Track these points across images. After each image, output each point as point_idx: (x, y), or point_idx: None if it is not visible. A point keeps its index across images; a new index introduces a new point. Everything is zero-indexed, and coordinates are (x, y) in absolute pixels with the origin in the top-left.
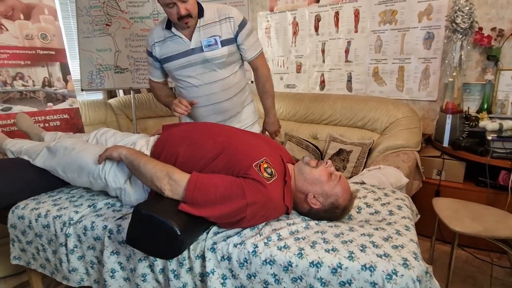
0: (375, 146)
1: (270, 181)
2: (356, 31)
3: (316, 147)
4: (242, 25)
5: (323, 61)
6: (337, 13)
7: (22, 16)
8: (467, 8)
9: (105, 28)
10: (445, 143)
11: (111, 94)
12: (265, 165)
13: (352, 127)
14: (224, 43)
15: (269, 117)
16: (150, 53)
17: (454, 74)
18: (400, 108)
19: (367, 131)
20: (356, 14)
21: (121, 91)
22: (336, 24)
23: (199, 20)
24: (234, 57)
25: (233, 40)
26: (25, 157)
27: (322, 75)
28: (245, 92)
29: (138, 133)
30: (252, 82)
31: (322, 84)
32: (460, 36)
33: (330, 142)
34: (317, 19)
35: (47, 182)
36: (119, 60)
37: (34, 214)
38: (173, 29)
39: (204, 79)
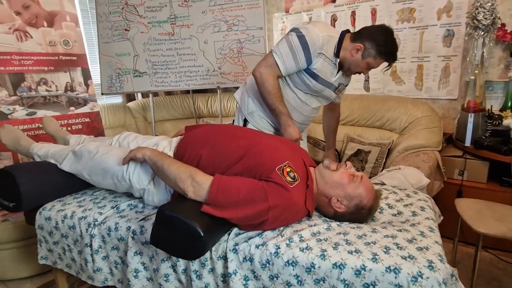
0: (394, 146)
1: (293, 185)
2: None
3: None
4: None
5: None
6: (353, 13)
7: (45, 24)
8: (489, 4)
9: (124, 33)
10: (467, 143)
11: (130, 97)
12: (288, 169)
13: (370, 127)
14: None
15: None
16: (308, 53)
17: (476, 71)
18: (419, 107)
19: (385, 131)
20: (373, 13)
21: (139, 94)
22: (353, 24)
23: None
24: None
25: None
26: (52, 161)
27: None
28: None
29: (157, 135)
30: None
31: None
32: (482, 33)
33: (347, 142)
34: (333, 19)
35: (72, 184)
36: (137, 64)
37: (60, 215)
38: (338, 59)
39: (312, 103)
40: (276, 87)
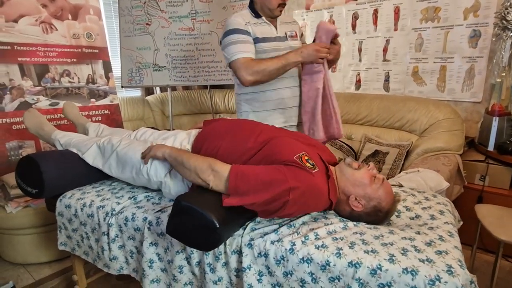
0: (413, 148)
1: (314, 171)
2: (395, 29)
3: (350, 147)
4: (301, 30)
5: (360, 60)
6: (376, 11)
7: (70, 17)
8: None
9: (145, 27)
10: (490, 147)
11: (149, 91)
12: (306, 157)
13: (389, 128)
14: (300, 38)
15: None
16: (245, 31)
17: (502, 74)
18: (441, 109)
19: (405, 132)
20: (396, 11)
21: (158, 88)
22: (375, 22)
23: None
24: None
25: (300, 39)
26: (74, 150)
27: (358, 74)
28: None
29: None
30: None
31: (358, 83)
32: (511, 34)
33: (365, 143)
34: (355, 17)
35: (93, 174)
36: (157, 58)
37: (79, 203)
38: (263, 17)
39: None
40: (259, 63)
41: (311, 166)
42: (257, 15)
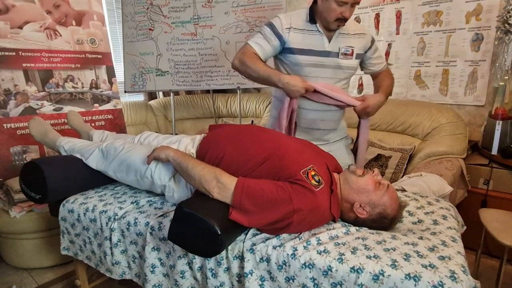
0: (416, 152)
1: (318, 189)
2: (397, 33)
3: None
4: (372, 41)
5: None
6: (377, 15)
7: (74, 22)
8: None
9: (148, 32)
10: (494, 151)
11: (151, 95)
12: (313, 173)
13: (392, 132)
14: (357, 56)
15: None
16: (277, 32)
17: (505, 77)
18: (444, 113)
19: (407, 136)
20: (398, 15)
21: (160, 93)
22: (377, 26)
23: None
24: (355, 72)
25: (361, 56)
26: (78, 155)
27: (360, 78)
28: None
29: (177, 134)
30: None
31: (360, 87)
32: None
33: (367, 147)
34: (356, 21)
35: (96, 179)
36: (160, 63)
37: (82, 208)
38: (318, 25)
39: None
40: (254, 60)
41: (317, 183)
42: (311, 20)
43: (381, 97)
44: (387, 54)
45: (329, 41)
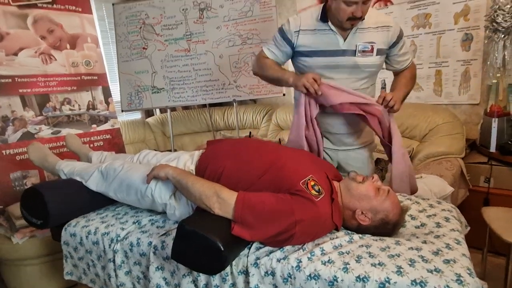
0: (415, 154)
1: (319, 199)
2: None
3: None
4: (400, 36)
5: None
6: None
7: (68, 46)
8: (508, 6)
9: (142, 51)
10: (492, 148)
11: (148, 112)
12: (312, 183)
13: None
14: (378, 52)
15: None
16: (285, 37)
17: (498, 75)
18: (439, 113)
19: (405, 138)
20: None
21: (157, 110)
22: None
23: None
24: (379, 68)
25: (385, 51)
26: (77, 178)
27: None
28: None
29: (176, 150)
30: (284, 94)
31: None
32: (502, 36)
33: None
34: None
35: (97, 201)
36: (155, 81)
37: (84, 231)
38: (330, 23)
39: (348, 85)
40: (266, 64)
41: (317, 193)
42: (323, 19)
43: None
44: None
45: (345, 39)
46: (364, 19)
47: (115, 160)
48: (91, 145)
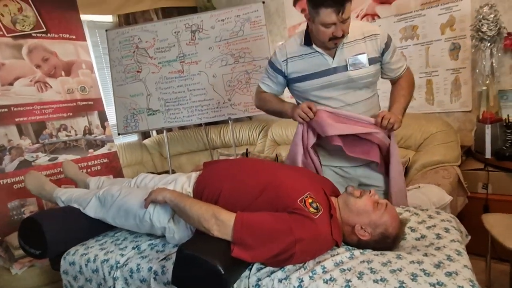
0: (411, 164)
1: (317, 216)
2: None
3: None
4: (388, 42)
5: None
6: None
7: (63, 73)
8: (492, 15)
9: (136, 74)
10: (488, 154)
11: (145, 134)
12: (310, 200)
13: None
14: (371, 61)
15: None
16: (276, 68)
17: (487, 82)
18: (433, 122)
19: (401, 149)
20: None
21: (154, 131)
22: None
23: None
24: (377, 77)
25: (378, 59)
26: (75, 205)
27: None
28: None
29: (173, 170)
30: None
31: None
32: (489, 44)
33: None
34: None
35: (95, 227)
36: (151, 103)
37: (83, 259)
38: (314, 46)
39: (347, 99)
40: (265, 98)
41: (315, 210)
42: (307, 43)
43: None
44: None
45: (333, 56)
46: (346, 35)
47: (113, 185)
48: (89, 170)
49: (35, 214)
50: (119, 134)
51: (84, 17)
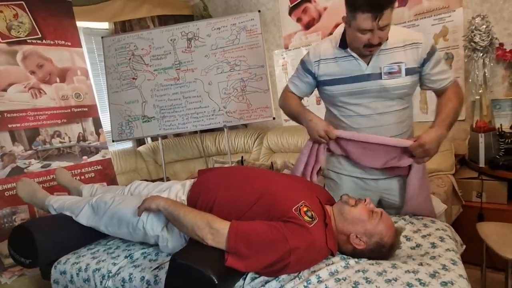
0: None
1: (312, 225)
2: None
3: None
4: (431, 53)
5: None
6: None
7: (58, 80)
8: (484, 26)
9: (131, 81)
10: (481, 163)
11: (140, 141)
12: (305, 209)
13: None
14: (408, 71)
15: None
16: (307, 69)
17: (480, 91)
18: None
19: None
20: None
21: (149, 138)
22: None
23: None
24: (413, 89)
25: (417, 70)
26: (68, 213)
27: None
28: (410, 132)
29: (168, 178)
30: (274, 118)
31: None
32: (481, 54)
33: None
34: None
35: (88, 236)
36: (146, 110)
37: (75, 268)
38: (349, 49)
39: (376, 108)
40: (289, 99)
41: (310, 219)
42: (343, 46)
43: (438, 131)
44: None
45: (368, 63)
46: (383, 43)
47: (106, 193)
48: (82, 177)
49: (26, 222)
50: (113, 141)
51: (80, 23)
